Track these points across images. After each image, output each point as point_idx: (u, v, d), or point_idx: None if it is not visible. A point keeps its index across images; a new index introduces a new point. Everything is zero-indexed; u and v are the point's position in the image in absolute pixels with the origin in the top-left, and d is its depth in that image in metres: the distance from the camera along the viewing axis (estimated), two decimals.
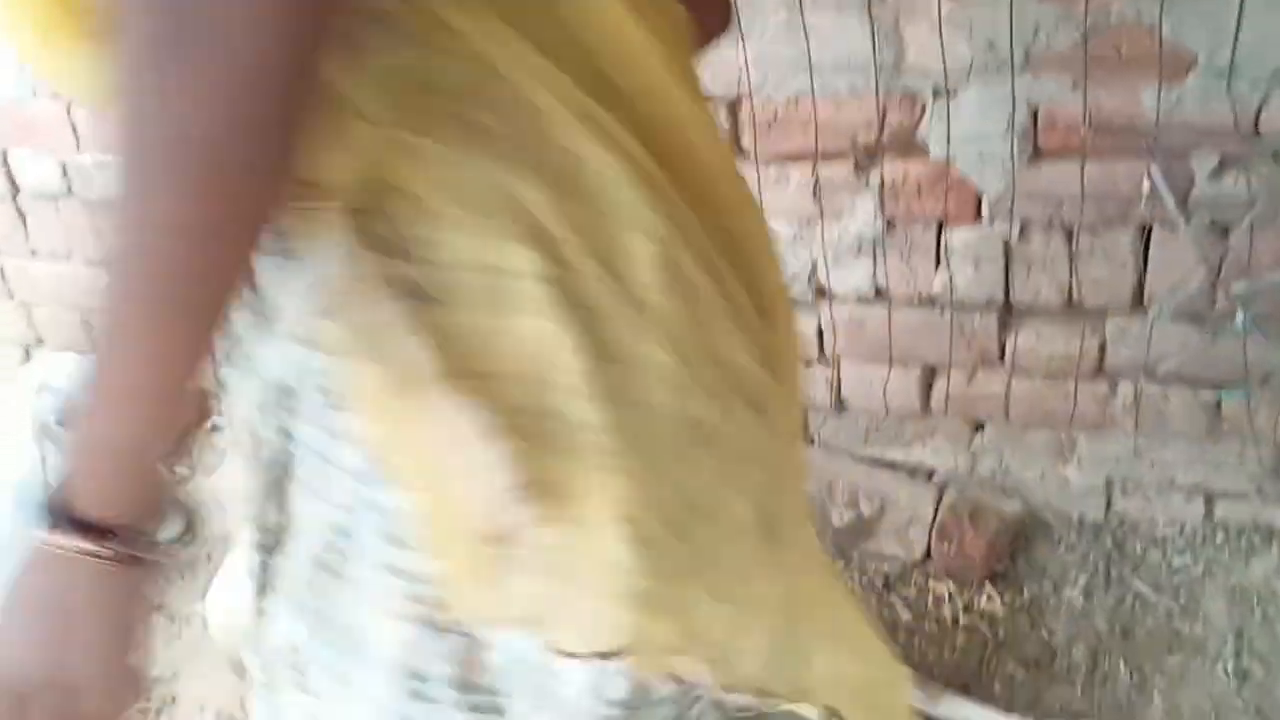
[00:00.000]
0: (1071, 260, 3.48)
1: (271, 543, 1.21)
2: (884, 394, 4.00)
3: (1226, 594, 3.53)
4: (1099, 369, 3.66)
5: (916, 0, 3.21)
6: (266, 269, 1.03)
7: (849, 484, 4.12)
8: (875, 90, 3.40)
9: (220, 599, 3.24)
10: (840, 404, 4.13)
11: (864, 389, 4.05)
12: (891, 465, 4.17)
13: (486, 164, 0.97)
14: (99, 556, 0.96)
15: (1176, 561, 3.70)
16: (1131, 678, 3.34)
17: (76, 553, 0.96)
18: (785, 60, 3.46)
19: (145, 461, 0.99)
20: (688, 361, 1.09)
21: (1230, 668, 3.32)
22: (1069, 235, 3.45)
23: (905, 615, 3.75)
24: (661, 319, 1.07)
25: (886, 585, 3.91)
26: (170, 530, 1.12)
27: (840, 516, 4.05)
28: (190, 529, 1.19)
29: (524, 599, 1.11)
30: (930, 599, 3.80)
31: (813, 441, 4.27)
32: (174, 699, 3.51)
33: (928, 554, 3.92)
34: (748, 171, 3.61)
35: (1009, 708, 3.23)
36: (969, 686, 3.36)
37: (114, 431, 0.94)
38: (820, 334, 3.99)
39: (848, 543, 4.04)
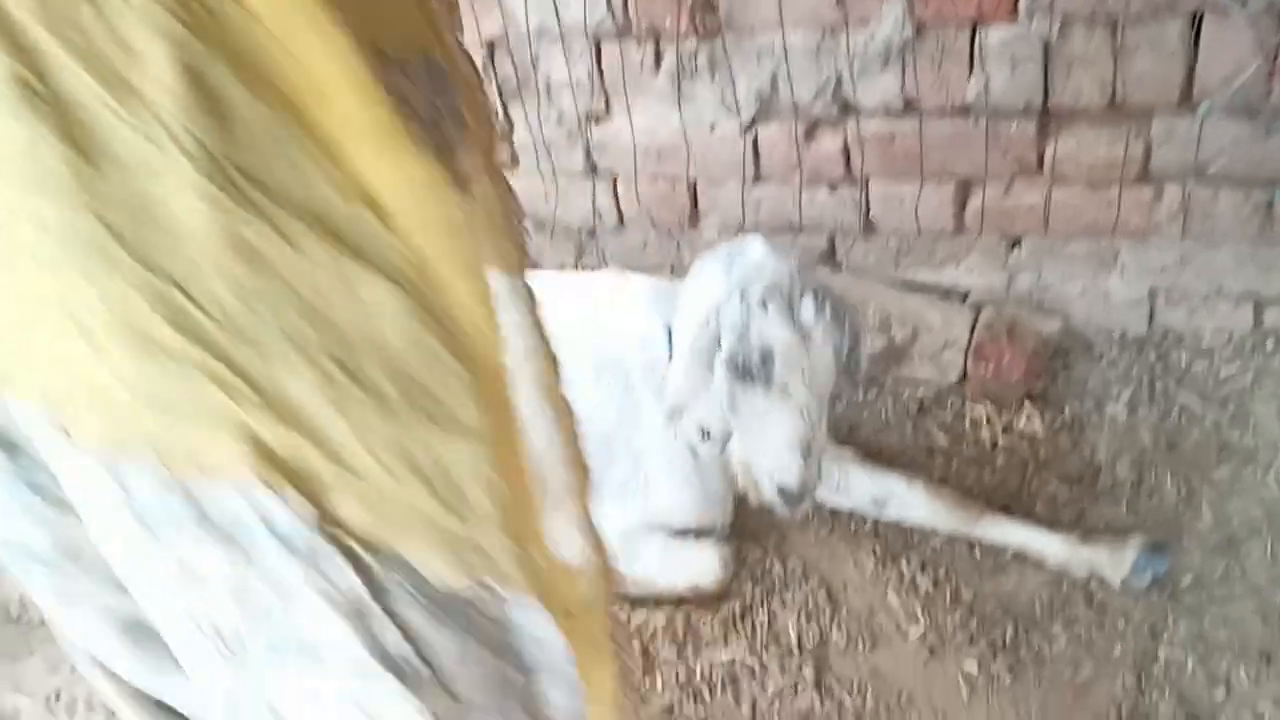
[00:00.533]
0: (1115, 56, 3.24)
1: None
2: (915, 213, 3.81)
3: (1278, 402, 3.40)
4: (1144, 173, 3.45)
5: None
6: None
7: (880, 309, 3.96)
8: None
9: None
10: (869, 226, 3.95)
11: (894, 209, 3.86)
12: (924, 288, 4.00)
13: None
14: None
15: (1224, 372, 3.55)
16: (1179, 491, 3.23)
17: None
18: None
19: None
20: (211, 177, 0.95)
21: None
22: (1113, 28, 3.20)
23: (942, 439, 3.64)
24: (172, 124, 0.94)
25: (921, 410, 3.79)
26: None
27: (871, 342, 3.90)
28: None
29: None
30: (967, 422, 3.68)
31: (840, 266, 4.11)
32: None
33: (964, 376, 3.78)
34: None
35: (1052, 526, 3.14)
36: (1010, 507, 3.26)
37: None
38: (847, 152, 3.78)
39: (879, 369, 3.91)
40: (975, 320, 3.78)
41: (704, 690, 2.94)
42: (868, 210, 3.88)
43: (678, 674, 2.99)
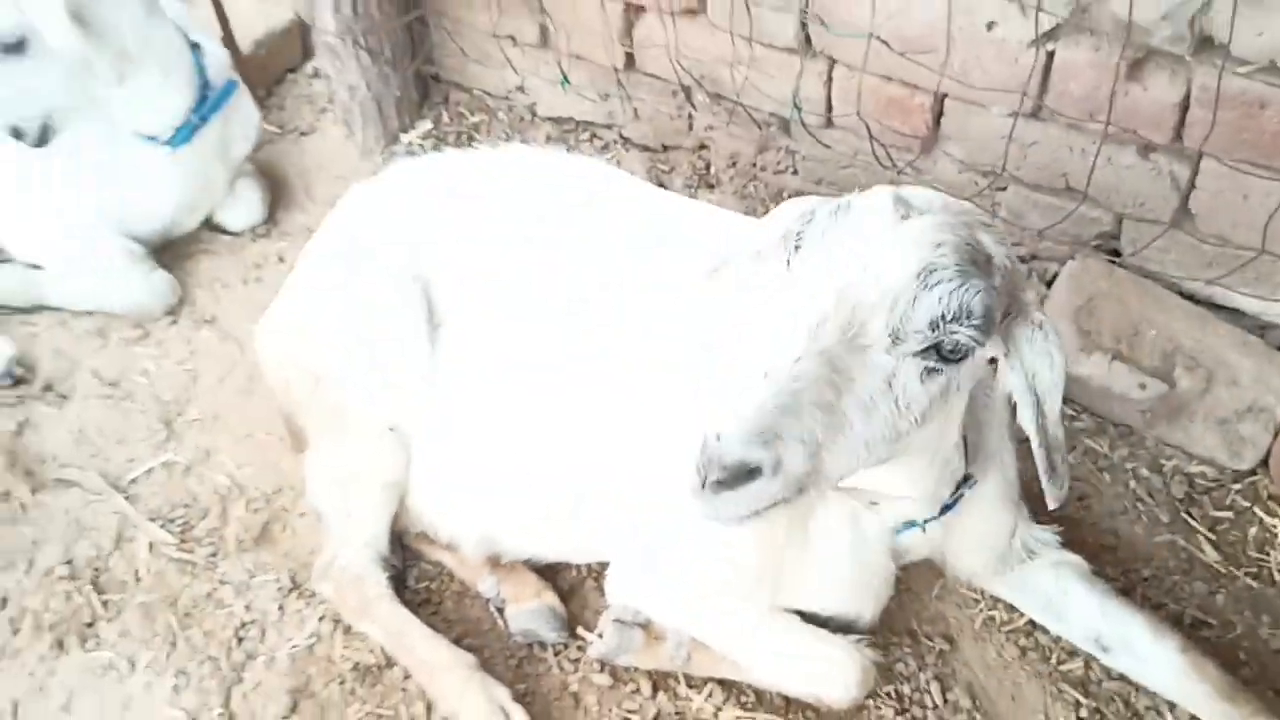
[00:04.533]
0: None
1: None
2: (1265, 223, 2.59)
3: None
4: None
5: None
6: None
7: (1163, 333, 2.80)
8: None
9: None
10: (1184, 216, 2.85)
11: (1229, 204, 2.78)
12: (1236, 314, 2.87)
13: None
14: None
15: None
16: None
17: None
18: None
19: None
20: None
21: None
22: None
23: (1211, 552, 2.63)
24: None
25: (1190, 498, 2.76)
26: None
27: (1140, 383, 2.75)
28: None
29: None
30: (1255, 534, 2.64)
31: (1120, 256, 2.90)
32: None
33: (1264, 463, 2.73)
34: None
35: None
36: None
37: None
38: (1184, 109, 2.58)
39: (1143, 420, 2.78)
40: None
41: None
42: (1188, 195, 2.77)
43: None
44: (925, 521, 2.24)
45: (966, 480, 2.18)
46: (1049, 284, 3.09)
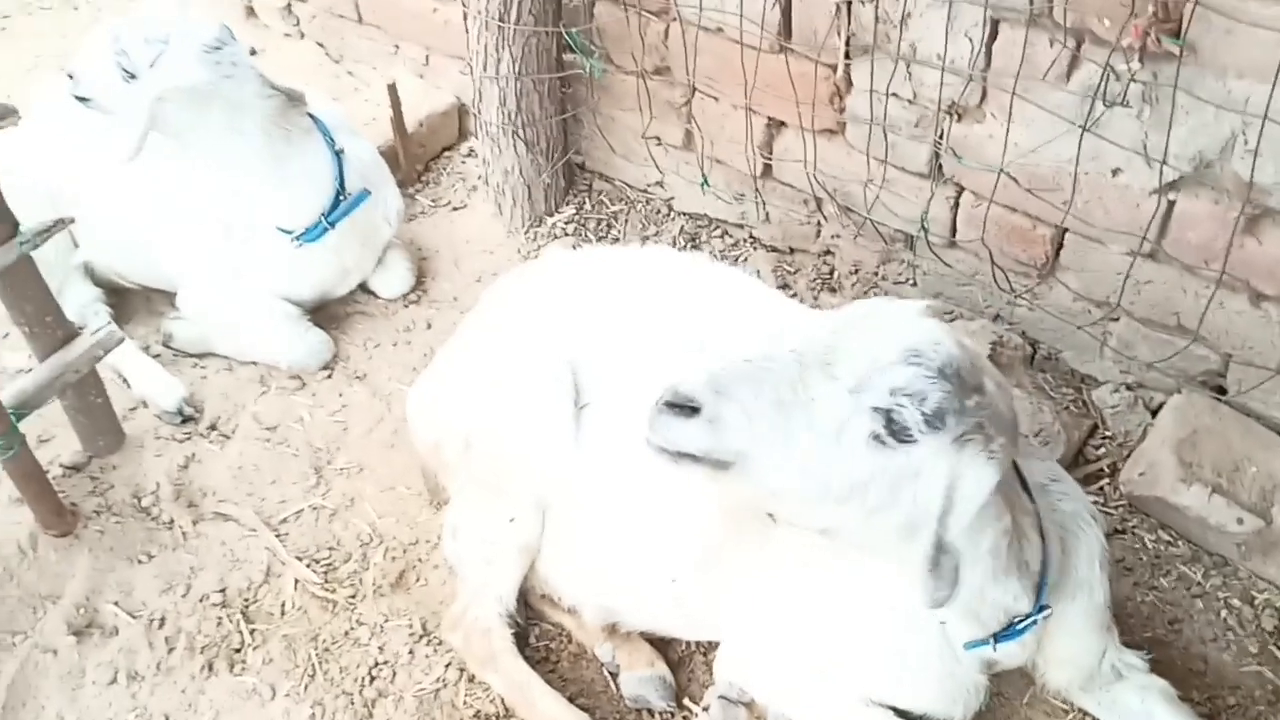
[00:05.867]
0: None
1: None
2: None
3: None
4: None
5: None
6: None
7: (1265, 470, 2.89)
8: None
9: None
10: None
11: None
12: None
13: None
14: None
15: None
16: None
17: None
18: None
19: None
20: None
21: None
22: None
23: None
24: None
25: (1278, 632, 2.78)
26: None
27: (1238, 517, 2.85)
28: None
29: None
30: None
31: (1225, 394, 3.02)
32: None
33: None
34: None
35: None
36: None
37: None
38: None
39: (1238, 553, 2.89)
40: None
41: None
42: None
43: None
44: (996, 642, 2.27)
45: (1042, 609, 2.25)
46: (1154, 413, 3.19)
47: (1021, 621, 2.26)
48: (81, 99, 3.37)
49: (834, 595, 2.35)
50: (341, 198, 3.58)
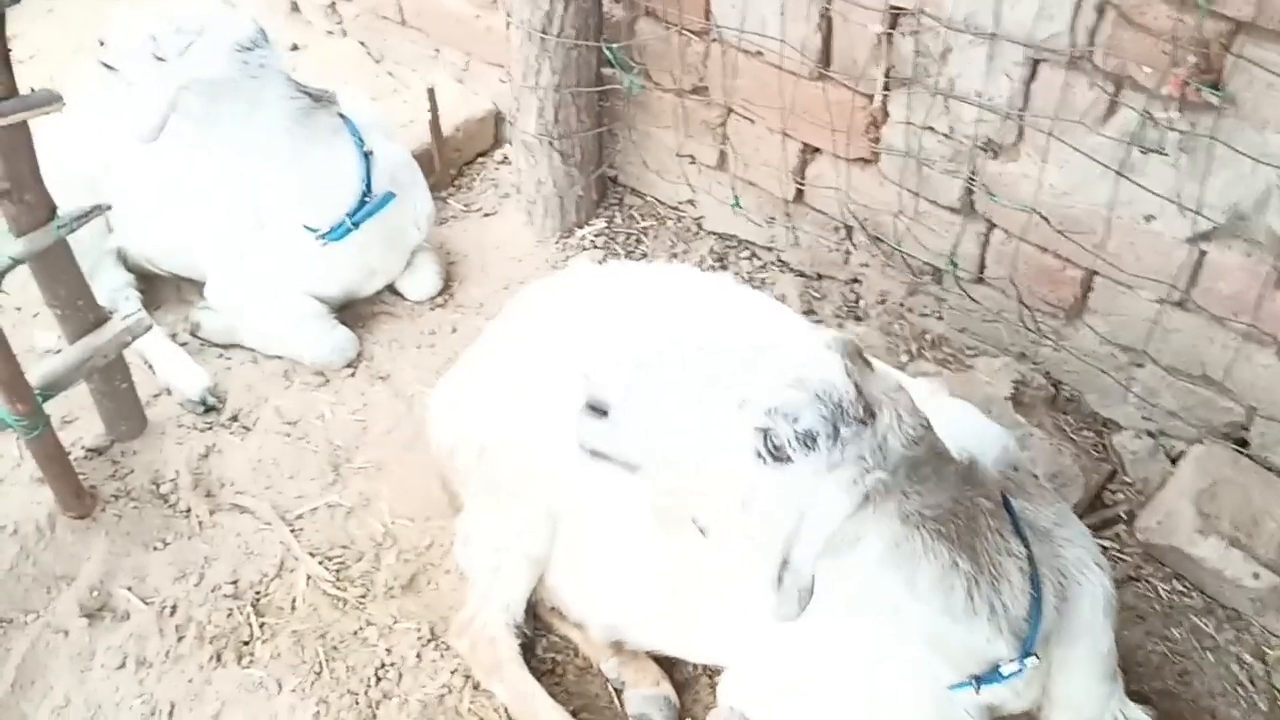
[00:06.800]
0: None
1: None
2: None
3: None
4: None
5: None
6: None
7: None
8: None
9: None
10: None
11: None
12: None
13: None
14: None
15: None
16: None
17: None
18: None
19: None
20: None
21: None
22: None
23: None
24: None
25: None
26: None
27: (1254, 572, 2.84)
28: None
29: None
30: None
31: (1249, 446, 3.00)
32: None
33: None
34: None
35: None
36: None
37: None
38: None
39: (1252, 608, 2.87)
40: None
41: None
42: None
43: None
44: (980, 685, 2.23)
45: (1026, 656, 2.19)
46: (1174, 461, 3.17)
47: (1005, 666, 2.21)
48: (108, 66, 3.38)
49: (827, 630, 2.34)
50: (367, 199, 3.58)
